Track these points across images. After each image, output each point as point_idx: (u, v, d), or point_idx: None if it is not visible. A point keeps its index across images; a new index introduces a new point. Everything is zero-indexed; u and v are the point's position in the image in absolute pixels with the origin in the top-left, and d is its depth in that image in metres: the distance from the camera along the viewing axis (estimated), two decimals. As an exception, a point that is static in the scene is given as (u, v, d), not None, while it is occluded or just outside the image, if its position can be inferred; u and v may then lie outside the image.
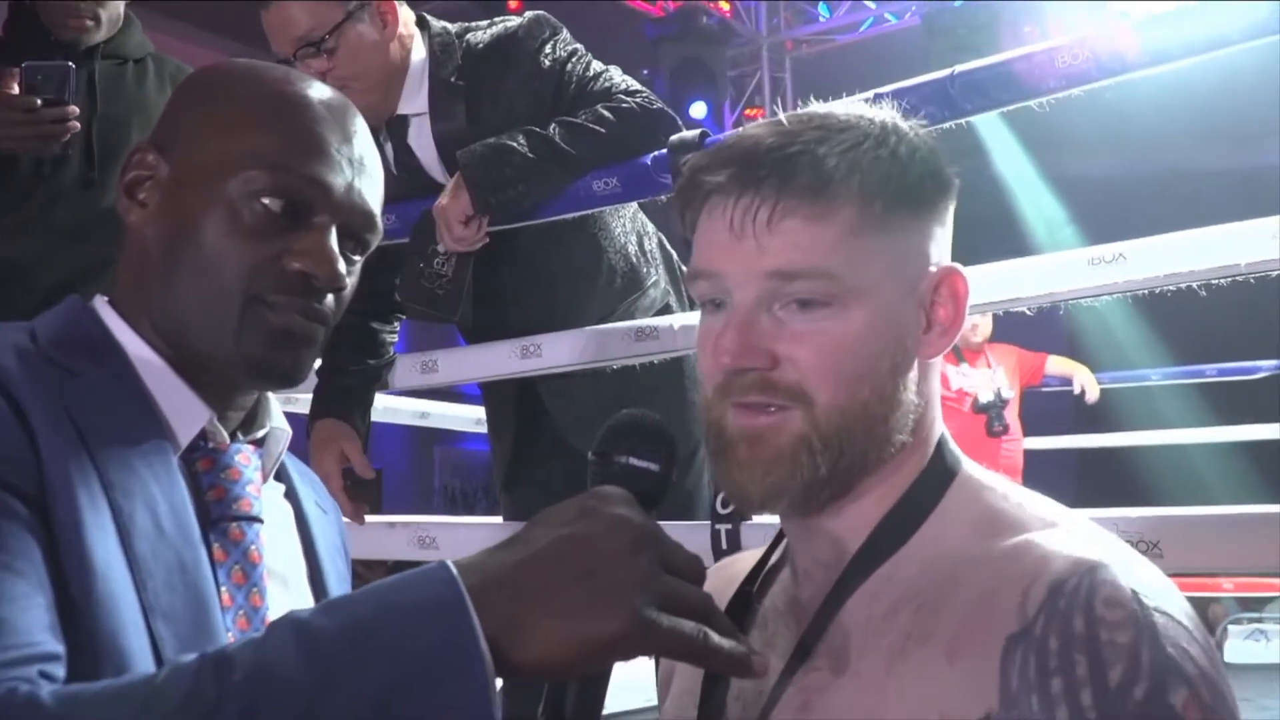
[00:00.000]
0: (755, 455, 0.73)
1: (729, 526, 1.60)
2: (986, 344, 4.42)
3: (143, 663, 0.70)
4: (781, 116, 0.76)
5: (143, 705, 0.57)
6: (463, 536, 2.00)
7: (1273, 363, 4.83)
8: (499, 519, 2.12)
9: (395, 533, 2.01)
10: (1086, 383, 4.62)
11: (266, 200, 0.81)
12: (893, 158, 0.74)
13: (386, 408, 2.51)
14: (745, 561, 0.87)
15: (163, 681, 0.58)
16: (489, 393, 2.10)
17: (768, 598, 0.81)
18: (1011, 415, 4.40)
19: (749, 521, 1.61)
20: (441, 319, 1.92)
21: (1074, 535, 0.69)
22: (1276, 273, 1.39)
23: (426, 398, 2.76)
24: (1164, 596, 0.65)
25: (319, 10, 1.75)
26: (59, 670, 0.65)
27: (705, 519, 1.66)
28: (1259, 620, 4.96)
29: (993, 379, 4.33)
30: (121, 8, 1.97)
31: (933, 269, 0.76)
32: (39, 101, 1.73)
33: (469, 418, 2.95)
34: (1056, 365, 4.73)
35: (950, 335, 0.76)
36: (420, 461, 7.85)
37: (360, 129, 0.86)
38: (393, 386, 2.08)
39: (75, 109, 1.76)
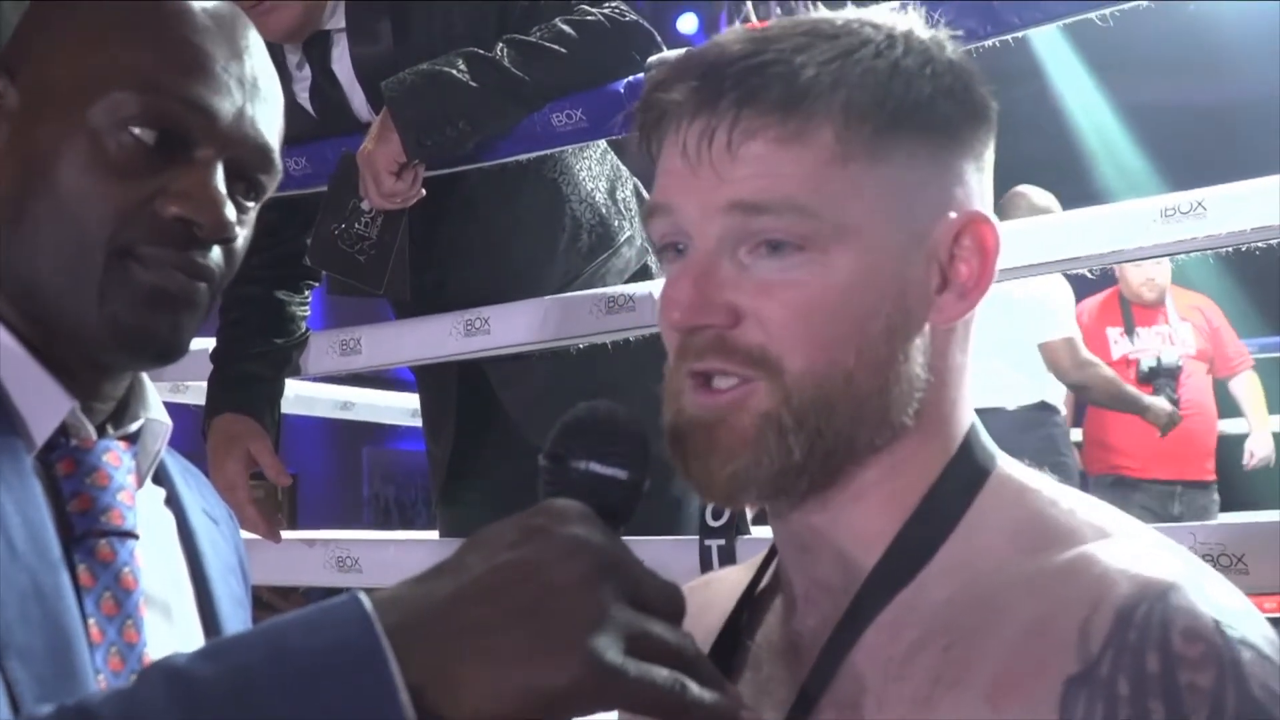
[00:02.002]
0: (714, 441, 0.72)
1: (721, 542, 1.61)
2: (1172, 286, 4.09)
3: None
4: (754, 20, 0.75)
5: None
6: (391, 557, 2.00)
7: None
8: (435, 534, 2.12)
9: (311, 553, 2.01)
10: (1258, 446, 4.24)
11: (136, 130, 0.81)
12: (894, 70, 0.72)
13: (300, 397, 2.51)
14: (727, 582, 0.87)
15: None
16: (425, 381, 2.10)
17: (761, 630, 0.81)
18: (1194, 387, 4.05)
19: (747, 536, 1.62)
20: (365, 291, 1.91)
21: (1136, 548, 0.70)
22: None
23: (350, 385, 2.76)
24: (1248, 624, 0.65)
25: None
26: None
27: (693, 533, 1.66)
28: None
29: (1169, 339, 4.04)
30: None
31: (953, 215, 0.74)
32: None
33: (404, 408, 2.94)
34: (1247, 388, 4.29)
35: (972, 299, 0.75)
36: (345, 465, 7.82)
37: (254, 44, 0.86)
38: (306, 372, 2.08)
39: None
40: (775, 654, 0.78)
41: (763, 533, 1.70)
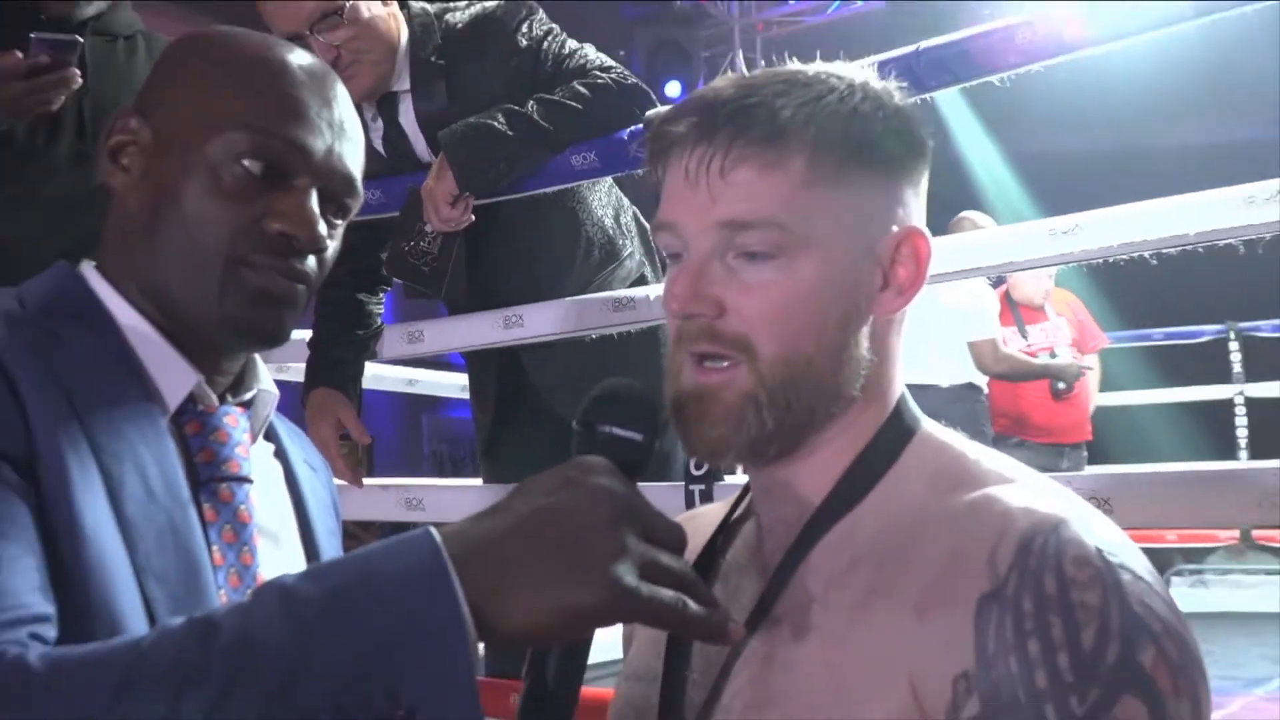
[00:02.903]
0: (704, 410, 0.71)
1: (702, 487, 1.60)
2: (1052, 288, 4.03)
3: (135, 623, 0.68)
4: (743, 70, 0.74)
5: (128, 670, 0.55)
6: (448, 498, 2.00)
7: (1216, 327, 4.90)
8: (480, 481, 2.11)
9: (386, 495, 2.01)
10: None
11: (247, 162, 0.78)
12: (853, 113, 0.71)
13: (375, 376, 2.50)
14: (709, 515, 0.86)
15: (148, 647, 0.56)
16: (472, 362, 2.09)
17: (731, 552, 0.80)
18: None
19: (721, 482, 1.61)
20: (428, 295, 1.90)
21: (1032, 490, 0.68)
22: (1223, 242, 1.40)
23: (414, 366, 2.74)
24: (1125, 552, 0.64)
25: None
26: (49, 631, 0.63)
27: (680, 480, 1.65)
28: (1200, 571, 5.03)
29: (1051, 334, 3.99)
30: None
31: (895, 229, 0.73)
32: (45, 59, 1.68)
33: (456, 385, 2.93)
34: (1093, 361, 4.20)
35: (908, 295, 0.73)
36: (409, 428, 7.83)
37: (341, 95, 0.84)
38: (381, 356, 2.06)
39: (78, 71, 1.72)
40: (742, 570, 0.77)
41: (733, 480, 1.69)
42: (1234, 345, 4.89)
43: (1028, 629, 0.61)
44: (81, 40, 1.73)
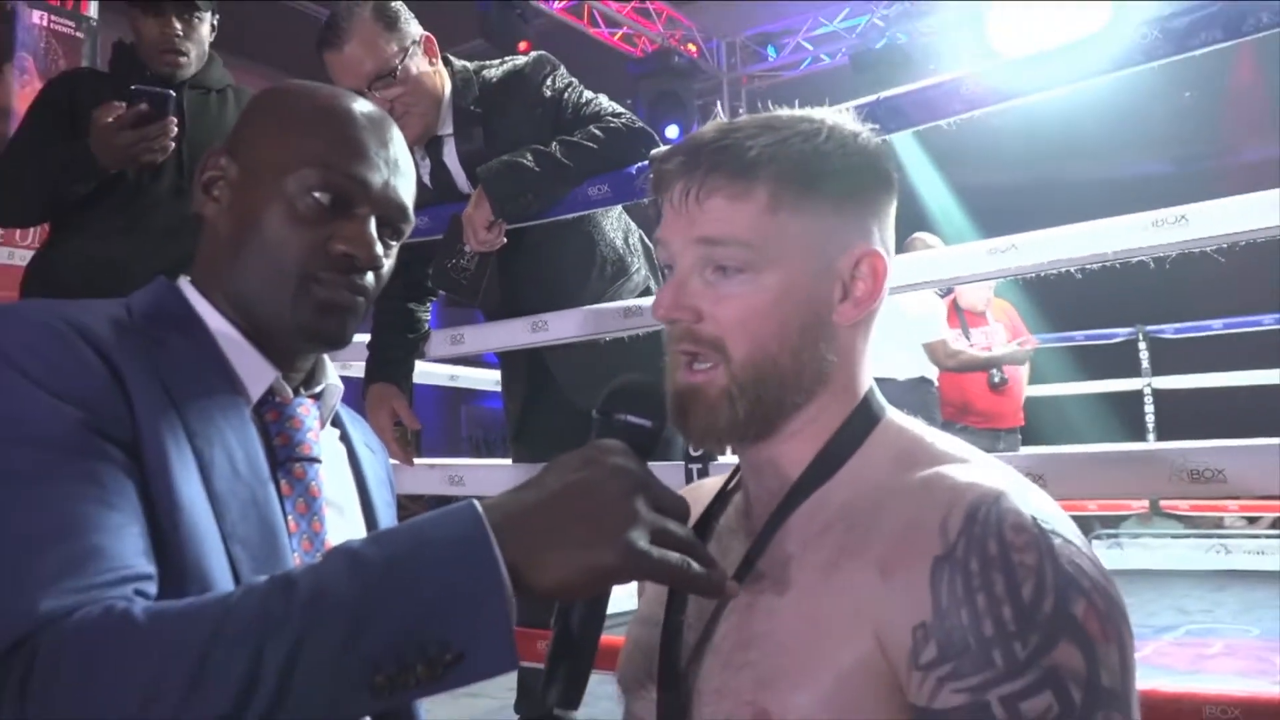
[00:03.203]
0: (692, 403, 0.71)
1: (699, 466, 1.60)
2: (990, 300, 4.03)
3: (223, 581, 0.68)
4: (723, 117, 0.73)
5: (218, 621, 0.55)
6: (483, 475, 1.99)
7: (1127, 330, 4.91)
8: (510, 461, 2.11)
9: (432, 472, 2.00)
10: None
11: (317, 194, 0.78)
12: (815, 151, 0.70)
13: (423, 372, 2.49)
14: (707, 487, 0.86)
15: (236, 601, 0.56)
16: (505, 360, 2.08)
17: (724, 518, 0.80)
18: (1010, 367, 3.97)
19: (715, 461, 1.61)
20: (467, 304, 1.90)
21: (978, 468, 0.67)
22: (1135, 259, 1.40)
23: (455, 364, 2.74)
24: (1057, 520, 0.63)
25: (382, 50, 1.72)
26: (151, 588, 0.63)
27: (681, 460, 1.65)
28: (1115, 535, 5.02)
29: (990, 336, 3.98)
30: (207, 45, 1.94)
31: (854, 250, 0.72)
32: (145, 107, 1.69)
33: (490, 380, 2.92)
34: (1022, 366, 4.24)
35: (865, 305, 0.72)
36: (451, 416, 7.83)
37: (396, 137, 0.83)
38: (428, 355, 2.06)
39: (175, 119, 1.73)
40: (733, 532, 0.77)
41: (725, 460, 1.69)
42: (1142, 345, 4.91)
43: (975, 586, 0.60)
44: (174, 94, 1.74)
